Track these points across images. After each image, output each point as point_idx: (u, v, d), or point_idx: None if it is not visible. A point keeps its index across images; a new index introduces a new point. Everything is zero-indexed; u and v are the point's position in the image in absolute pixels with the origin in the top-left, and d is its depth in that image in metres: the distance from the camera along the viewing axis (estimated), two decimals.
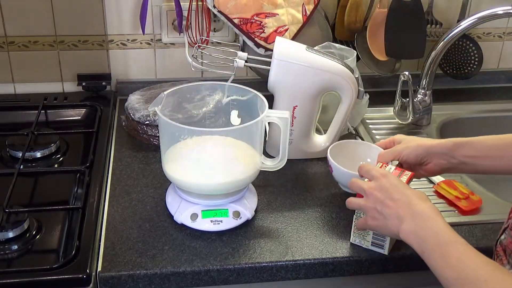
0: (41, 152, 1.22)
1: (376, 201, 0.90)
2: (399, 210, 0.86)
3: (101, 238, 0.99)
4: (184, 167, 1.02)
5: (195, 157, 1.01)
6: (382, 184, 0.90)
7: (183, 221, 1.01)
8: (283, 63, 1.14)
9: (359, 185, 0.94)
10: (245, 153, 1.03)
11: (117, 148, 1.26)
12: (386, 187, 0.90)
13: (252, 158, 1.03)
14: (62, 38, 1.41)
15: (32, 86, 1.45)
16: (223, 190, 1.01)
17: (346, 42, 1.45)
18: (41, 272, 0.90)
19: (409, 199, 0.87)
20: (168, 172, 1.02)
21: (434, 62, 1.37)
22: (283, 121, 1.01)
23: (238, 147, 1.03)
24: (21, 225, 0.98)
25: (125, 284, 0.93)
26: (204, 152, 1.01)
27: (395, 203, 0.87)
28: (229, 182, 1.00)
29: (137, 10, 1.39)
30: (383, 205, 0.88)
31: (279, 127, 1.01)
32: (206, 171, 1.01)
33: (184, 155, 1.01)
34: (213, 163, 1.02)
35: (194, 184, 1.00)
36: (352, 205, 0.96)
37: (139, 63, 1.47)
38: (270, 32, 1.31)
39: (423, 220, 0.84)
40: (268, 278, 0.97)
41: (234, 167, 1.02)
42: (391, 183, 0.90)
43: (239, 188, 1.03)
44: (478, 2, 1.51)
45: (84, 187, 1.09)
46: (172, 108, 1.06)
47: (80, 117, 1.38)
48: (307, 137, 1.22)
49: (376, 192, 0.90)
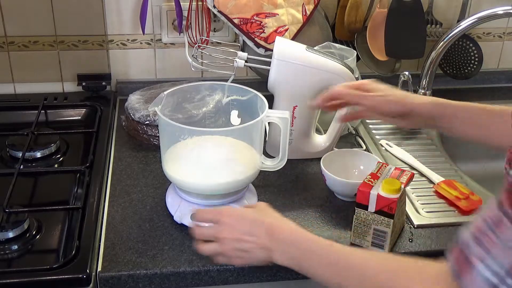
0: (41, 152, 1.22)
1: (231, 242, 0.87)
2: (260, 242, 0.85)
3: (101, 238, 0.99)
4: (184, 167, 1.02)
5: (195, 157, 1.01)
6: (226, 223, 0.88)
7: (183, 221, 1.01)
8: (283, 63, 1.14)
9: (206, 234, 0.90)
10: (245, 153, 1.03)
11: (117, 148, 1.26)
12: (232, 224, 0.87)
13: (252, 158, 1.03)
14: (62, 38, 1.41)
15: (32, 86, 1.45)
16: (223, 190, 1.01)
17: (346, 42, 1.45)
18: (41, 272, 0.90)
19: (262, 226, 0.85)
20: (168, 172, 1.02)
21: (434, 62, 1.37)
22: (283, 121, 1.01)
23: (238, 147, 1.03)
24: (21, 225, 0.98)
25: (125, 284, 0.93)
26: (204, 152, 1.01)
27: (251, 236, 0.85)
28: (229, 182, 1.00)
29: (137, 10, 1.39)
30: (241, 243, 0.86)
31: (279, 127, 1.01)
32: (206, 171, 1.01)
33: (184, 155, 1.01)
34: (213, 163, 1.02)
35: (194, 184, 1.00)
36: (207, 252, 0.90)
37: (139, 63, 1.47)
38: (270, 32, 1.31)
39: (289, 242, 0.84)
40: (268, 278, 0.97)
41: (234, 167, 1.02)
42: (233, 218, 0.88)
43: (239, 188, 1.03)
44: (478, 2, 1.51)
45: (84, 187, 1.09)
46: (172, 108, 1.06)
47: (80, 117, 1.38)
48: (307, 137, 1.22)
49: (226, 234, 0.87)
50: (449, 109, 1.01)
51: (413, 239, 1.02)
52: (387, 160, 1.26)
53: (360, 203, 0.97)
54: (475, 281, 0.63)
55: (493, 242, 0.61)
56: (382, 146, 1.32)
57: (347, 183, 1.07)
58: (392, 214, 0.94)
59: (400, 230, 1.03)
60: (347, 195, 1.10)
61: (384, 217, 0.95)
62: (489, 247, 0.62)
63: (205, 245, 0.90)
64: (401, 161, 1.27)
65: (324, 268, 0.80)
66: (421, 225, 1.05)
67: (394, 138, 1.36)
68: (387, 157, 1.28)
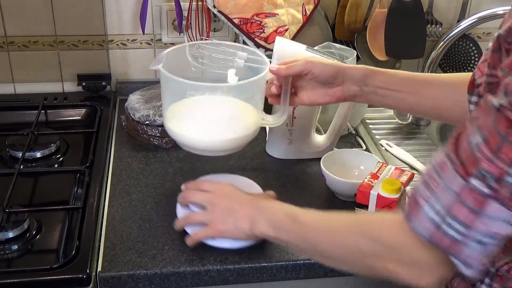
0: (41, 152, 1.22)
1: (223, 208, 0.93)
2: (248, 212, 0.91)
3: (101, 238, 0.99)
4: (187, 123, 1.02)
5: (198, 115, 1.01)
6: (224, 192, 0.95)
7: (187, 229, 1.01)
8: None
9: (200, 199, 0.96)
10: (246, 111, 1.03)
11: (117, 148, 1.26)
12: (230, 193, 0.95)
13: (253, 115, 1.03)
14: (62, 38, 1.41)
15: (32, 86, 1.45)
16: (227, 146, 1.01)
17: (346, 42, 1.45)
18: (41, 272, 0.90)
19: (255, 201, 0.93)
20: (173, 129, 1.02)
21: (434, 62, 1.37)
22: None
23: (240, 104, 1.03)
24: (21, 225, 0.98)
25: (125, 284, 0.93)
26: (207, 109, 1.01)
27: (242, 207, 0.92)
28: (232, 139, 1.01)
29: (137, 10, 1.39)
30: (231, 211, 0.92)
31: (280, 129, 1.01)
32: (209, 128, 1.01)
33: (187, 113, 1.02)
34: (217, 120, 1.02)
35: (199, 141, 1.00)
36: (194, 220, 0.96)
37: (139, 63, 1.47)
38: (270, 32, 1.31)
39: (272, 210, 0.89)
40: (268, 278, 0.97)
41: (236, 124, 1.02)
42: (232, 190, 0.95)
43: (241, 145, 1.03)
44: (478, 2, 1.51)
45: (84, 187, 1.09)
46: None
47: (80, 117, 1.38)
48: (307, 137, 1.22)
49: (220, 200, 0.94)
50: (384, 74, 0.98)
51: None
52: (387, 160, 1.26)
53: (360, 203, 0.97)
54: (422, 221, 0.67)
55: (437, 184, 0.66)
56: (382, 146, 1.32)
57: (347, 183, 1.07)
58: None
59: None
60: (347, 195, 1.10)
61: None
62: (434, 188, 0.66)
63: (194, 213, 0.96)
64: (401, 161, 1.27)
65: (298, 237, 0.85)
66: None
67: (394, 138, 1.36)
68: (387, 157, 1.28)
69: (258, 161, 1.19)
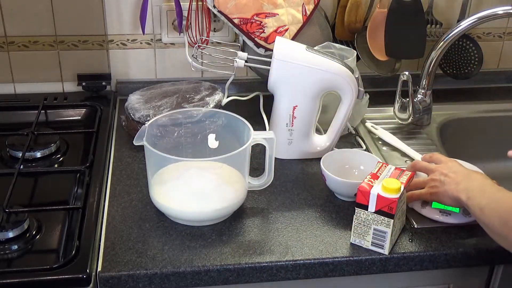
0: (41, 152, 1.22)
1: (441, 174, 1.03)
2: (458, 178, 1.00)
3: (101, 238, 0.99)
4: (172, 194, 1.02)
5: (183, 185, 1.02)
6: (449, 165, 1.05)
7: None
8: (283, 63, 1.14)
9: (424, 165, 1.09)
10: (234, 178, 1.04)
11: (117, 148, 1.26)
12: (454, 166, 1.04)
13: (241, 181, 1.04)
14: (62, 38, 1.41)
15: (32, 86, 1.45)
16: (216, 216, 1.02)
17: (346, 42, 1.45)
18: (41, 272, 0.90)
19: (468, 172, 1.02)
20: (159, 201, 1.02)
21: (434, 62, 1.37)
22: (269, 142, 1.04)
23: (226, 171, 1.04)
24: (21, 225, 0.98)
25: (125, 284, 0.93)
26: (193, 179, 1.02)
27: (456, 174, 1.01)
28: (221, 209, 1.01)
29: (137, 10, 1.39)
30: (446, 177, 1.02)
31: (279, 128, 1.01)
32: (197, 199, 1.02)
33: (172, 182, 1.03)
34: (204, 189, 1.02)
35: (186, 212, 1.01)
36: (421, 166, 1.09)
37: (139, 63, 1.47)
38: (270, 32, 1.31)
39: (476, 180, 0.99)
40: (268, 278, 0.97)
41: (224, 192, 1.02)
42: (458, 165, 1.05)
43: (230, 213, 1.04)
44: (478, 2, 1.51)
45: (84, 187, 1.09)
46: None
47: (80, 117, 1.38)
48: (307, 137, 1.22)
49: (442, 169, 1.04)
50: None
51: (413, 239, 1.02)
52: (387, 160, 1.26)
53: (360, 203, 0.97)
54: None
55: None
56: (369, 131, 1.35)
57: (347, 183, 1.07)
58: (392, 214, 0.94)
59: (400, 230, 1.03)
60: (347, 195, 1.10)
61: (384, 217, 0.95)
62: None
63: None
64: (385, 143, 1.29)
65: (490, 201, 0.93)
66: (421, 225, 1.05)
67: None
68: (387, 157, 1.28)
69: (258, 161, 1.19)
